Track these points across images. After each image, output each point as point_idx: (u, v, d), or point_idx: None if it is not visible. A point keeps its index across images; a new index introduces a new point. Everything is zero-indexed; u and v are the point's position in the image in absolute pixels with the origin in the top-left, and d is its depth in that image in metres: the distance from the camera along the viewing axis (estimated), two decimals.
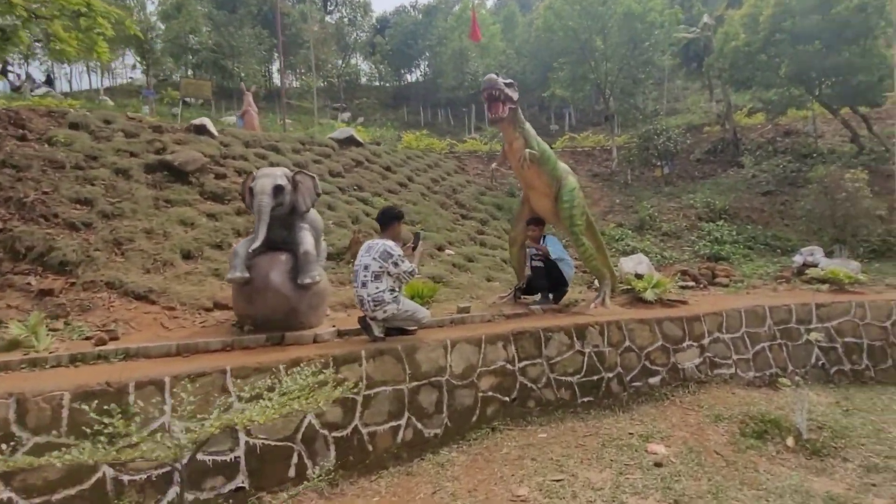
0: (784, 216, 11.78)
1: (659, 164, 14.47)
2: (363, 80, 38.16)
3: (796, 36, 13.37)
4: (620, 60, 15.34)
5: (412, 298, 5.67)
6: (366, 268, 4.60)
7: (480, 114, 29.25)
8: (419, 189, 11.18)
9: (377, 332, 4.67)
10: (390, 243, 4.68)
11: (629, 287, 7.00)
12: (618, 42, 15.02)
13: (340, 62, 32.12)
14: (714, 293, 8.02)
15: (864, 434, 4.94)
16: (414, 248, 5.04)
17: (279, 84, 35.13)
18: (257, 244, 4.46)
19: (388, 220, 4.86)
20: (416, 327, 5.04)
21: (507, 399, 5.08)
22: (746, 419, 5.13)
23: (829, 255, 9.58)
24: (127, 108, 20.80)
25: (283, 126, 13.64)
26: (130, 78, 34.05)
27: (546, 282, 6.30)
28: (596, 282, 7.37)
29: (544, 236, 6.51)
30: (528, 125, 6.35)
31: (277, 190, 4.65)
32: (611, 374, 5.60)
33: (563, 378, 5.39)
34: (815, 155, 14.94)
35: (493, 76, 5.74)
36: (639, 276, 7.46)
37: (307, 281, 4.54)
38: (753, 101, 17.44)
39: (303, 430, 3.88)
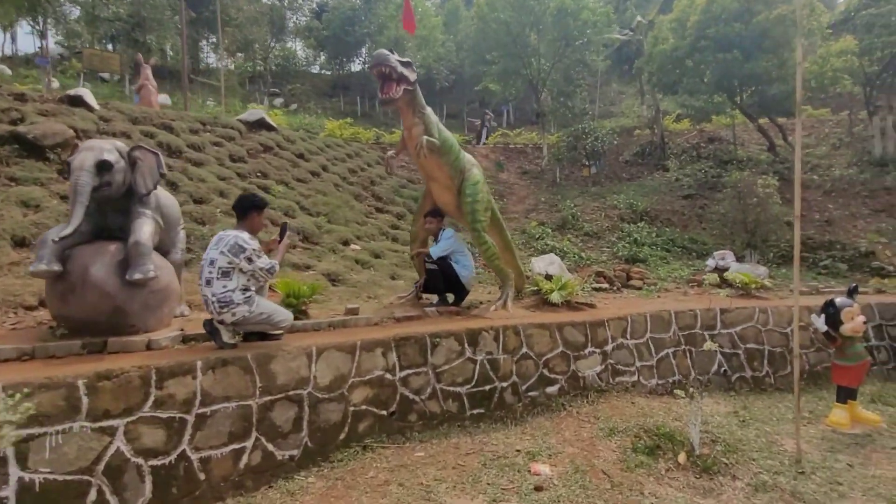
0: (702, 220, 11.89)
1: (587, 163, 14.40)
2: (302, 66, 36.65)
3: (719, 43, 13.58)
4: (553, 57, 15.15)
5: (287, 297, 5.03)
6: (211, 263, 3.91)
7: None
8: (333, 179, 10.46)
9: (227, 338, 3.99)
10: (244, 235, 4.01)
11: (537, 289, 6.61)
12: (551, 38, 14.82)
13: (273, 44, 30.57)
14: (626, 296, 7.81)
15: (756, 447, 4.73)
16: (280, 241, 4.40)
17: (212, 63, 33.16)
18: (68, 230, 3.66)
19: (246, 209, 4.17)
20: (281, 332, 4.39)
21: (384, 413, 4.52)
22: (641, 432, 4.81)
23: (740, 259, 9.64)
24: (27, 79, 18.79)
25: (185, 104, 12.51)
26: (39, 48, 31.13)
27: (442, 284, 5.79)
28: None
29: (443, 229, 6.00)
30: (429, 110, 5.81)
31: (102, 166, 3.86)
32: (505, 384, 5.16)
33: (452, 388, 4.89)
34: (735, 161, 15.31)
35: (384, 51, 5.15)
36: (549, 277, 7.11)
37: (137, 276, 3.79)
38: (680, 106, 17.76)
39: (106, 459, 3.16)
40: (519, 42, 14.75)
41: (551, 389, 5.39)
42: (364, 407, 4.41)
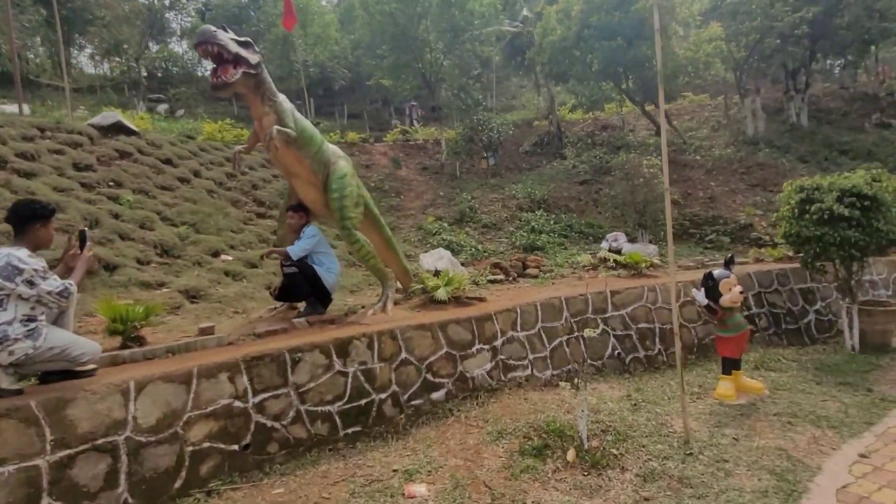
0: (598, 204, 12.05)
1: (485, 155, 14.25)
2: (188, 69, 34.19)
3: (602, 31, 13.90)
4: (444, 50, 14.88)
5: (112, 323, 4.21)
6: None
7: (320, 107, 27.58)
8: (207, 185, 9.46)
9: (6, 383, 3.16)
10: (20, 253, 3.19)
11: (422, 287, 6.16)
12: (440, 30, 14.55)
13: (153, 46, 28.21)
14: (522, 285, 7.56)
15: (647, 432, 4.53)
16: (80, 253, 3.60)
17: (85, 68, 30.08)
18: None
19: (24, 221, 3.34)
20: (93, 367, 3.60)
21: (234, 448, 3.85)
22: (531, 431, 4.47)
23: (632, 240, 9.77)
24: None
25: (20, 109, 10.88)
26: None
27: (308, 288, 5.18)
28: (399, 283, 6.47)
29: (307, 226, 5.38)
30: (282, 98, 5.16)
31: None
32: (383, 396, 4.65)
33: (320, 408, 4.31)
34: (626, 146, 15.81)
35: (210, 28, 4.44)
36: (438, 274, 6.69)
37: None
38: (572, 94, 18.17)
39: None
40: (408, 34, 14.34)
41: (437, 395, 4.94)
42: (207, 444, 3.71)
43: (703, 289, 5.45)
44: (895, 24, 14.76)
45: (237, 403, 3.91)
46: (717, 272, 5.40)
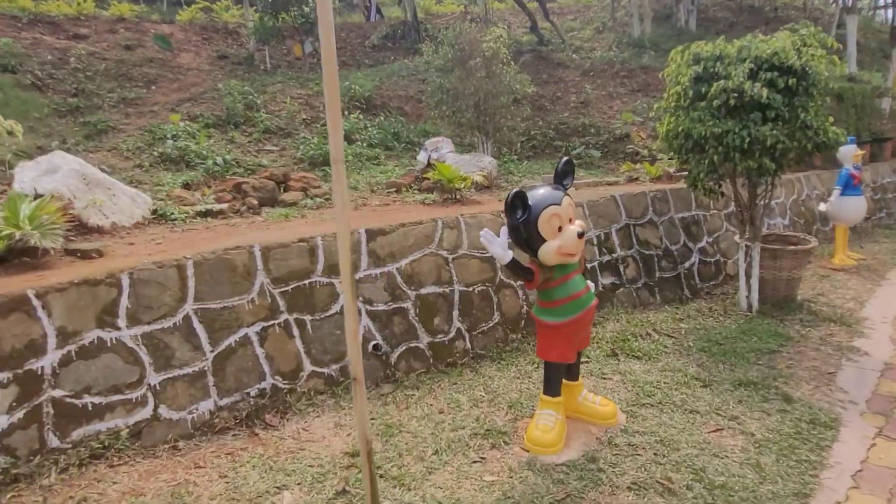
0: (438, 105, 9.00)
1: (298, 39, 10.43)
2: None
3: None
4: None
5: None
6: None
7: None
8: None
9: None
10: None
11: None
12: None
13: None
14: (252, 221, 4.39)
15: None
16: None
17: None
18: None
19: None
20: None
21: None
22: None
23: (470, 149, 6.90)
24: None
25: None
26: None
27: None
28: None
29: None
30: None
31: None
32: None
33: None
34: None
35: None
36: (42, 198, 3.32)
37: None
38: None
39: None
40: None
41: None
42: None
43: (504, 227, 2.64)
44: None
45: None
46: (537, 193, 2.60)
